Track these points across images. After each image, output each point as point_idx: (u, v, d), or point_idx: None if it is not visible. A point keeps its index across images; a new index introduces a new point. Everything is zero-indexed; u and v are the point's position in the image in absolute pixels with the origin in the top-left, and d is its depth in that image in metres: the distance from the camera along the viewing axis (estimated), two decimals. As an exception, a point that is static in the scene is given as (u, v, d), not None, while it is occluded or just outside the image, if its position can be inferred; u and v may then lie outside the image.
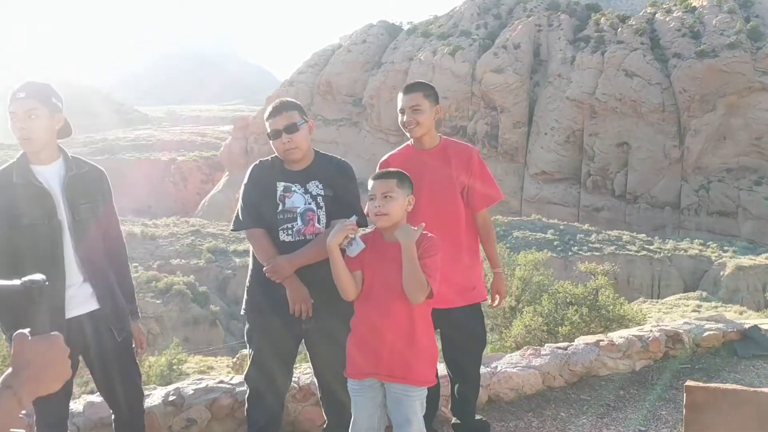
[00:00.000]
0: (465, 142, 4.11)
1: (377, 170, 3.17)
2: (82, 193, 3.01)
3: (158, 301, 36.98)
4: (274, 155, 3.47)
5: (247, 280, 3.47)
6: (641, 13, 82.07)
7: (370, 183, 3.03)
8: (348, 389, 3.07)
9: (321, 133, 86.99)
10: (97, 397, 3.77)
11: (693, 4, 76.91)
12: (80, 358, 3.13)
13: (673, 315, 25.07)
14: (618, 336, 5.54)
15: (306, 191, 3.33)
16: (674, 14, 75.97)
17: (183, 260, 45.20)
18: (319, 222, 3.31)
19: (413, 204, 3.05)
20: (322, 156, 3.46)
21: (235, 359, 17.11)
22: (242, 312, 3.49)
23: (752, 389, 3.35)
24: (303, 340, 3.39)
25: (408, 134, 3.80)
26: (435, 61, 78.71)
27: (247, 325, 3.45)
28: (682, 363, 5.50)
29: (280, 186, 3.33)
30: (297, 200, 3.30)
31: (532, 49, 78.79)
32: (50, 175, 2.97)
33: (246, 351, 14.81)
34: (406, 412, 2.93)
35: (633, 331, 5.75)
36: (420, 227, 2.87)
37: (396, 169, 3.10)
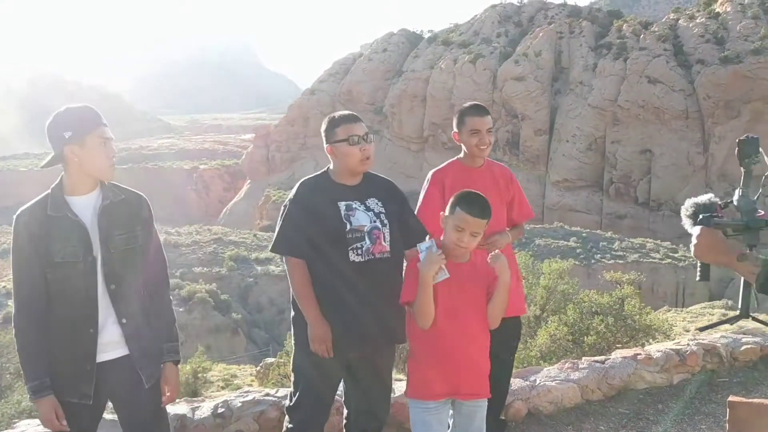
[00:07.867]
0: (499, 162, 4.31)
1: (468, 198, 2.95)
2: (117, 223, 2.81)
3: (181, 309, 37.24)
4: (319, 173, 3.27)
5: (293, 308, 3.26)
6: (664, 20, 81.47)
7: (467, 216, 2.88)
8: (416, 413, 3.01)
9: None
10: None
11: (716, 10, 76.15)
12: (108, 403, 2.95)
13: (698, 323, 24.82)
14: (655, 350, 5.53)
15: (367, 209, 3.16)
16: (698, 20, 75.29)
17: (205, 268, 45.44)
18: (385, 240, 3.15)
19: None
20: (367, 173, 3.28)
21: (258, 368, 17.19)
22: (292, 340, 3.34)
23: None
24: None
25: (475, 154, 3.90)
26: (456, 69, 78.63)
27: (294, 354, 3.30)
28: (719, 377, 5.48)
29: (342, 205, 3.13)
30: (362, 218, 3.13)
31: (553, 56, 78.45)
32: (86, 206, 2.79)
33: (270, 360, 14.68)
34: (479, 425, 3.05)
35: (670, 345, 5.74)
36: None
37: (490, 207, 2.99)
